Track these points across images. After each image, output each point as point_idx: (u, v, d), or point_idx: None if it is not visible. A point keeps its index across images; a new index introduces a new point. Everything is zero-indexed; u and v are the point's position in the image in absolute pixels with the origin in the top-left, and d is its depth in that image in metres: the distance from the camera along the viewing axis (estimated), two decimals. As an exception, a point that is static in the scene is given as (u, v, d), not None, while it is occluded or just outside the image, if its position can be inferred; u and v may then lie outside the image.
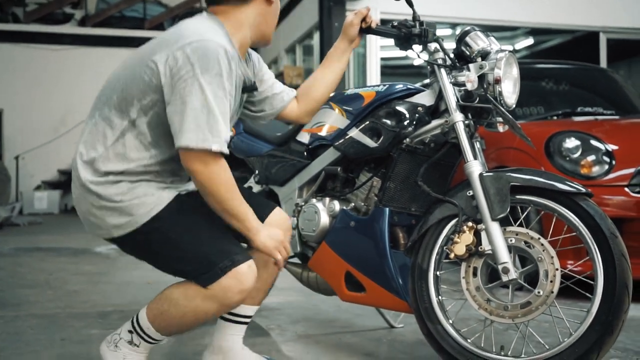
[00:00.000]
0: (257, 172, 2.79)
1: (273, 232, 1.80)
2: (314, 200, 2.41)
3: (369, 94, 2.29)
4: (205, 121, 1.64)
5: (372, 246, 2.14)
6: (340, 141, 2.32)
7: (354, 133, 2.27)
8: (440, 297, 2.04)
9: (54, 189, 12.11)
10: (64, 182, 12.69)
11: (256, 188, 2.80)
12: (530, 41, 10.37)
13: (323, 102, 2.15)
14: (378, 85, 2.32)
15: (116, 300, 3.36)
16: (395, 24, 2.11)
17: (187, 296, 1.78)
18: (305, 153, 2.51)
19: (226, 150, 1.69)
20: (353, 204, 2.30)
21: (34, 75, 13.23)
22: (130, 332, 1.85)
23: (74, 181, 1.81)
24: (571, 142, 3.38)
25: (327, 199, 2.36)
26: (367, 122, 2.23)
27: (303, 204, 2.46)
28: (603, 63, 9.06)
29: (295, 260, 2.61)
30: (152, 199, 1.75)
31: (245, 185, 2.84)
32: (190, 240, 1.75)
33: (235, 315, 1.98)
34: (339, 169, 2.33)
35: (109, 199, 1.74)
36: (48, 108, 13.20)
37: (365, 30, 2.11)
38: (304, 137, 2.54)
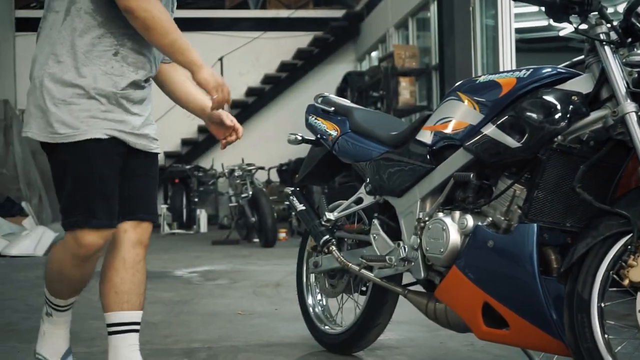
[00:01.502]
0: (368, 180, 2.81)
1: (216, 73, 2.23)
2: (440, 214, 2.40)
3: (507, 82, 2.26)
4: None
5: (516, 271, 2.11)
6: (473, 141, 2.30)
7: (490, 130, 2.24)
8: (606, 336, 1.98)
9: (124, 201, 12.59)
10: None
11: (367, 199, 2.83)
12: None
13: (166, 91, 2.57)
14: (518, 70, 2.29)
15: (202, 335, 3.47)
16: None
17: (54, 252, 2.40)
18: (428, 156, 2.50)
19: None
20: (490, 219, 2.27)
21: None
22: (44, 304, 2.50)
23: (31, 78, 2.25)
24: None
25: (458, 213, 2.35)
26: (507, 117, 2.21)
27: (427, 219, 2.45)
28: None
29: (419, 288, 2.61)
30: (81, 126, 2.18)
31: (355, 197, 2.88)
32: (75, 183, 2.21)
33: (114, 325, 2.34)
34: (471, 176, 2.31)
35: (51, 97, 2.17)
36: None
37: None
38: (425, 136, 2.54)
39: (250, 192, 9.05)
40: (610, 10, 2.09)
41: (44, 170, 10.17)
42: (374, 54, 13.11)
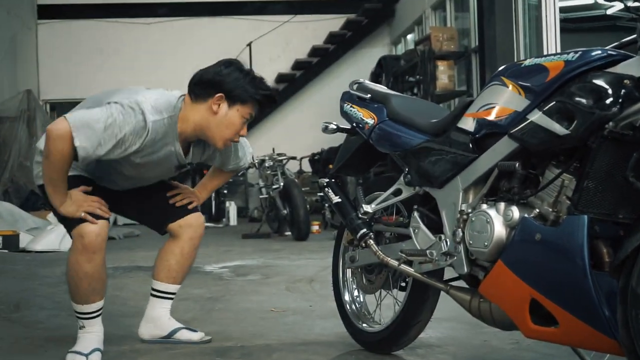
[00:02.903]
0: (406, 170, 2.80)
1: (74, 197, 2.88)
2: (484, 206, 2.39)
3: (555, 65, 2.23)
4: (85, 113, 2.82)
5: (566, 265, 2.09)
6: (518, 128, 2.29)
7: (537, 117, 2.23)
8: (663, 334, 1.96)
9: (151, 194, 12.73)
10: (163, 185, 13.32)
11: (407, 191, 2.82)
12: None
13: None
14: (566, 53, 2.26)
15: (235, 333, 3.50)
16: None
17: (68, 260, 2.95)
18: (470, 144, 2.50)
19: (75, 139, 2.73)
20: (537, 210, 2.26)
21: (124, 54, 13.98)
22: (77, 321, 3.01)
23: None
24: None
25: (502, 205, 2.33)
26: (555, 102, 2.18)
27: (470, 211, 2.45)
28: None
29: (461, 283, 2.60)
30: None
31: (393, 188, 2.87)
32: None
33: (158, 291, 3.29)
34: (516, 165, 2.30)
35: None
36: (142, 95, 13.87)
37: None
38: (468, 124, 2.53)
39: (282, 183, 9.08)
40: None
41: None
42: (409, 36, 13.06)
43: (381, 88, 3.17)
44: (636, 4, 2.08)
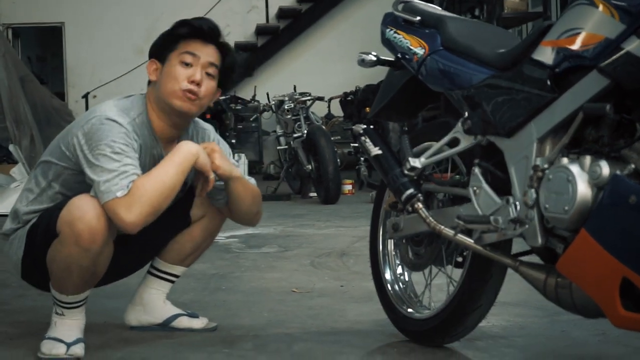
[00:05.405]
0: (466, 114, 2.80)
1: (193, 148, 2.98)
2: (565, 160, 2.38)
3: (659, -23, 2.21)
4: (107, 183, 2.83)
5: (668, 237, 2.09)
6: (610, 60, 2.26)
7: (635, 45, 2.20)
8: None
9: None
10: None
11: (466, 141, 2.82)
12: None
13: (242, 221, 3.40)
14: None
15: (246, 319, 3.54)
16: None
17: (53, 249, 2.95)
18: (548, 81, 2.48)
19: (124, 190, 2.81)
20: (633, 166, 2.24)
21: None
22: (53, 304, 3.07)
23: None
24: None
25: (588, 158, 2.32)
26: (658, 27, 2.16)
27: (547, 166, 2.44)
28: None
29: (534, 258, 2.61)
30: None
31: (448, 138, 2.87)
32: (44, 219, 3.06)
33: (159, 270, 3.38)
34: (607, 107, 2.28)
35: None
36: (128, 22, 13.92)
37: None
38: (545, 55, 2.51)
39: (305, 131, 9.08)
40: None
41: (35, 103, 10.33)
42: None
43: (434, 8, 3.15)
44: None
